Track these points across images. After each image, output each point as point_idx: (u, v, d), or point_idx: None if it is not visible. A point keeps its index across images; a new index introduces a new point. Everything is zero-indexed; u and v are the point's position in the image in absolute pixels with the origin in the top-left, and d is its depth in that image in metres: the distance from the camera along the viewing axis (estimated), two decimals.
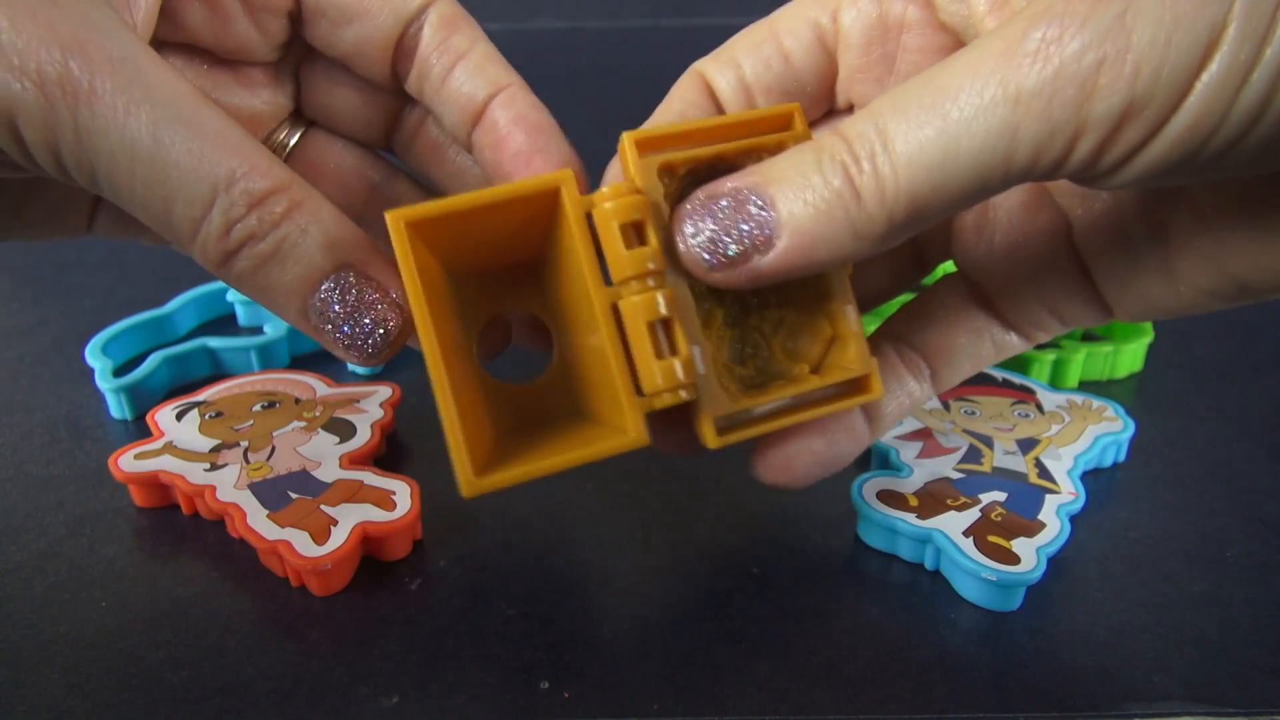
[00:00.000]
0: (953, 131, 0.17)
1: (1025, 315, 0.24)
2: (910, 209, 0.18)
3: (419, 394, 0.40)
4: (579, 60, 0.86)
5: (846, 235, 0.18)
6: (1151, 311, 0.22)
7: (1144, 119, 0.16)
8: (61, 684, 0.27)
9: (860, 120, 0.18)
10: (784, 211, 0.19)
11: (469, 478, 0.21)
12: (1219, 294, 0.20)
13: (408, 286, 0.20)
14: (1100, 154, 0.17)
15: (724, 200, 0.19)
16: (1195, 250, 0.20)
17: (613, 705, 0.26)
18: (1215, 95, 0.15)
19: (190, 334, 0.45)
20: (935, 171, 0.17)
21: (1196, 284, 0.20)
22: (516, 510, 0.34)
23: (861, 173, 0.18)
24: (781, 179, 0.19)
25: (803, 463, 0.23)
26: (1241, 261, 0.19)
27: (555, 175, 0.21)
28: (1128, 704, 0.26)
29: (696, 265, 0.20)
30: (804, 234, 0.18)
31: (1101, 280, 0.22)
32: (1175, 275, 0.21)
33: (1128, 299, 0.22)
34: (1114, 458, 0.36)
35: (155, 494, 0.34)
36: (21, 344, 0.44)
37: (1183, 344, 0.44)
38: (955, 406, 0.37)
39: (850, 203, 0.18)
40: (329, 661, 0.27)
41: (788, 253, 0.19)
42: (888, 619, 0.29)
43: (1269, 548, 0.32)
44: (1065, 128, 0.16)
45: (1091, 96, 0.16)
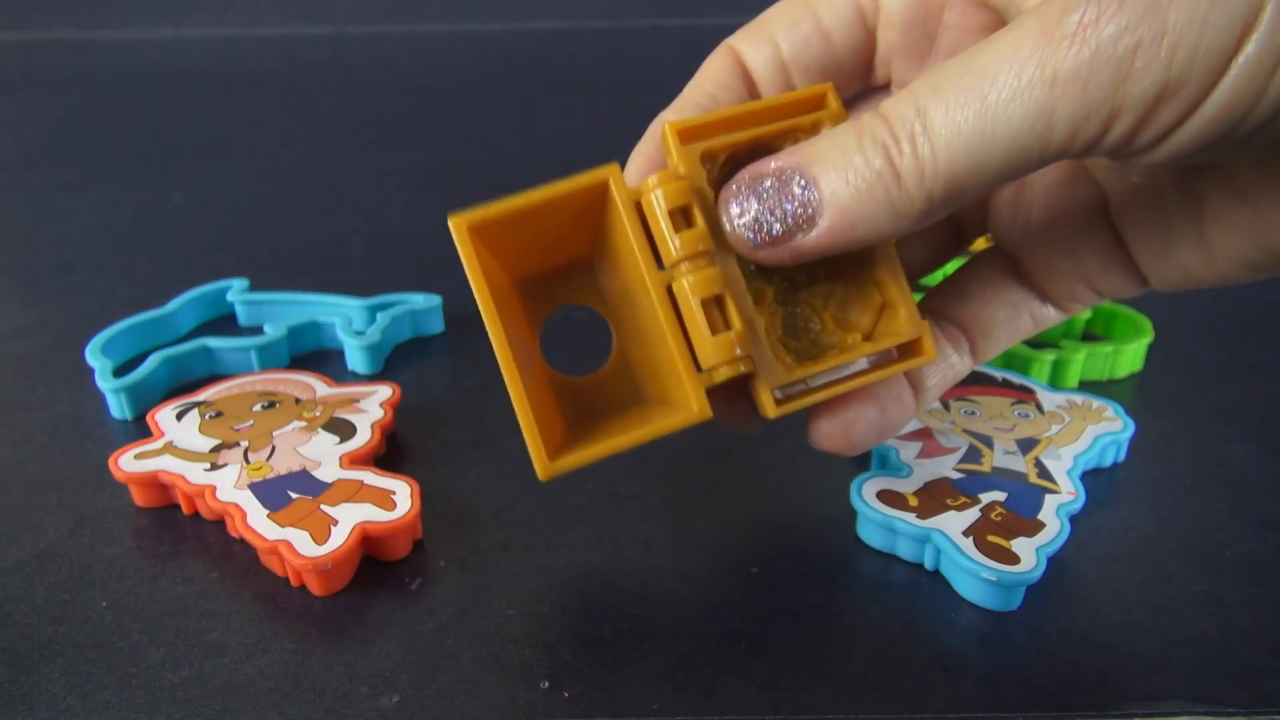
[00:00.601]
0: (990, 114, 0.17)
1: (1062, 287, 0.24)
2: (948, 189, 0.18)
3: (419, 394, 0.40)
4: (579, 60, 0.86)
5: (887, 214, 0.19)
6: (1189, 282, 0.22)
7: (1180, 99, 0.16)
8: (61, 684, 0.27)
9: (901, 101, 0.19)
10: (826, 191, 0.19)
11: (543, 461, 0.22)
12: (1256, 265, 0.20)
13: (474, 286, 0.21)
14: (1136, 134, 0.17)
15: (768, 180, 0.20)
16: (1232, 222, 0.20)
17: (613, 705, 0.26)
18: (1251, 75, 0.16)
19: (190, 334, 0.45)
20: (973, 153, 0.17)
21: (1233, 255, 0.20)
22: (516, 510, 0.34)
23: (901, 154, 0.18)
24: (824, 159, 0.19)
25: (860, 429, 0.23)
26: (1276, 231, 0.19)
27: (603, 170, 0.22)
28: (1128, 704, 0.26)
29: (742, 244, 0.21)
30: (846, 213, 0.19)
31: (1138, 252, 0.22)
32: (1212, 246, 0.21)
33: (1165, 270, 0.22)
34: (1114, 458, 0.36)
35: (155, 494, 0.34)
36: (21, 344, 0.44)
37: (1183, 344, 0.44)
38: (955, 406, 0.37)
39: (890, 183, 0.19)
40: (329, 661, 0.27)
41: (830, 231, 0.19)
42: (888, 619, 0.29)
43: (1269, 548, 0.32)
44: (1101, 109, 0.16)
45: (1128, 79, 0.16)
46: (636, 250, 0.22)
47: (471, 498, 0.34)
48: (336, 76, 0.80)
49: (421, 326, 0.45)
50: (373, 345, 0.42)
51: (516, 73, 0.82)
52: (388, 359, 0.43)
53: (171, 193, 0.59)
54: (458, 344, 0.44)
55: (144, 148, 0.66)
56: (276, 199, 0.59)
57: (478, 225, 0.21)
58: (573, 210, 0.22)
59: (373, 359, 0.42)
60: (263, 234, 0.54)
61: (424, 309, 0.44)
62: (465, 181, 0.61)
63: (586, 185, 0.22)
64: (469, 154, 0.64)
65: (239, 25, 0.89)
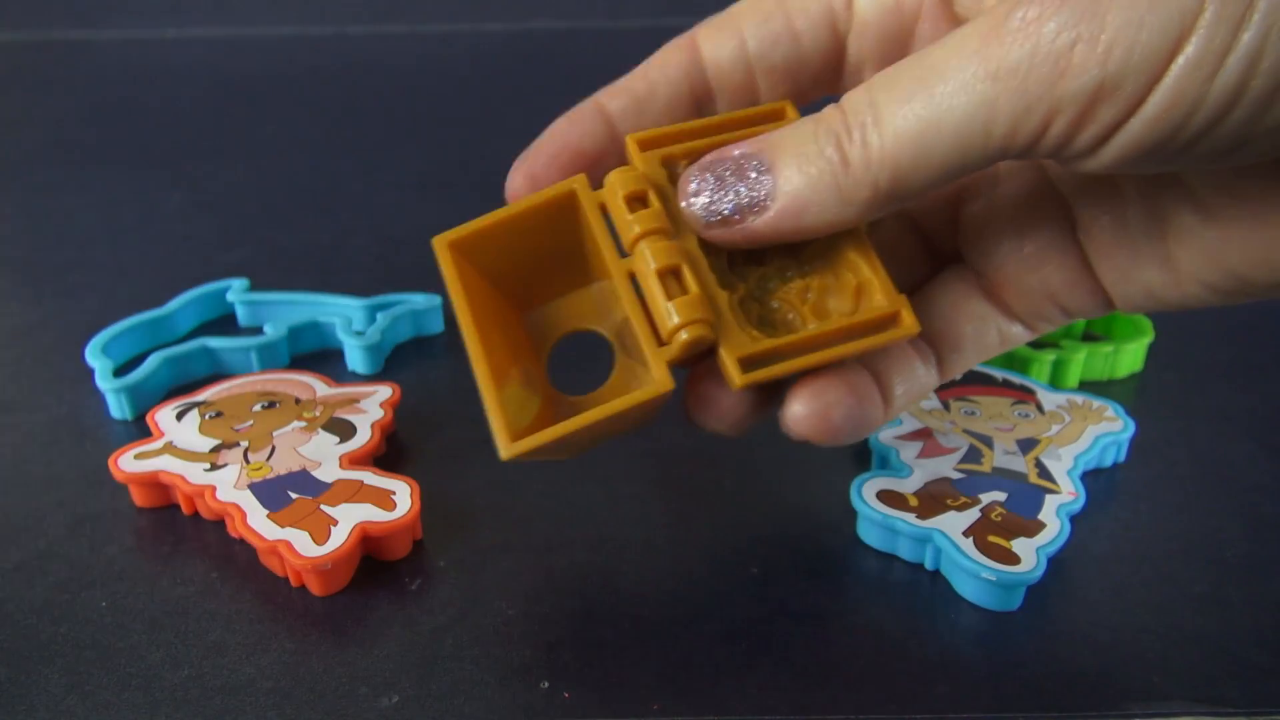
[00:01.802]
0: (937, 105, 0.18)
1: (1028, 305, 0.24)
2: (894, 179, 0.19)
3: (419, 394, 0.40)
4: (579, 60, 0.86)
5: (834, 200, 0.19)
6: (1152, 303, 0.22)
7: (1117, 99, 0.16)
8: (61, 684, 0.27)
9: (857, 93, 0.19)
10: (781, 176, 0.20)
11: (505, 441, 0.22)
12: (1219, 288, 0.20)
13: (455, 300, 0.22)
14: (1075, 132, 0.17)
15: (728, 163, 0.20)
16: (1195, 243, 0.20)
17: (613, 705, 0.26)
18: (1190, 78, 0.16)
19: (190, 334, 0.45)
20: (918, 142, 0.18)
21: (1196, 277, 0.20)
22: (516, 510, 0.34)
23: (851, 142, 0.19)
24: (781, 146, 0.20)
25: (839, 414, 0.22)
26: (1240, 255, 0.20)
27: (569, 181, 0.23)
28: (1128, 704, 0.26)
29: (695, 220, 0.21)
30: (796, 197, 0.20)
31: (1103, 271, 0.22)
32: (1176, 267, 0.21)
33: (1129, 290, 0.22)
34: (1114, 458, 0.36)
35: (155, 494, 0.34)
36: (21, 344, 0.44)
37: (1183, 344, 0.44)
38: (955, 406, 0.37)
39: (839, 169, 0.19)
40: (329, 661, 0.27)
41: (780, 214, 0.20)
42: (888, 619, 0.29)
43: (1269, 548, 0.32)
44: (1040, 105, 0.17)
45: (1065, 75, 0.16)
46: (602, 246, 0.22)
47: (471, 498, 0.34)
48: (336, 76, 0.80)
49: (421, 326, 0.45)
50: (373, 345, 0.42)
51: (516, 73, 0.82)
52: (388, 359, 0.43)
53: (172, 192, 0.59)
54: (458, 344, 0.44)
55: (144, 148, 0.66)
56: (276, 199, 0.59)
57: (458, 243, 0.23)
58: (548, 223, 0.23)
59: (373, 359, 0.42)
60: (263, 234, 0.54)
61: (424, 309, 0.44)
62: (465, 181, 0.61)
63: (554, 195, 0.23)
64: (469, 154, 0.64)
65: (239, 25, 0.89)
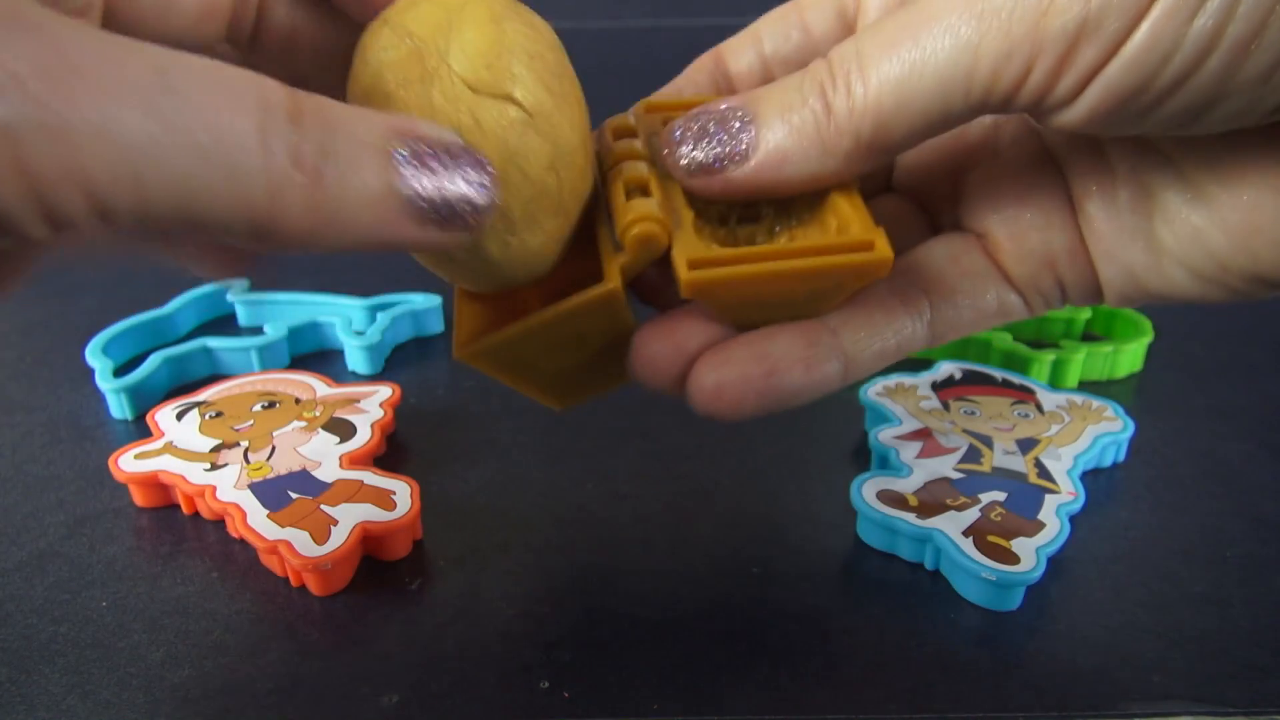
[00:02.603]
0: (921, 50, 0.18)
1: (1028, 271, 0.23)
2: (875, 127, 0.18)
3: (419, 394, 0.40)
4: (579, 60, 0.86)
5: (815, 150, 0.19)
6: (1135, 288, 0.22)
7: (1099, 38, 0.16)
8: (61, 684, 0.27)
9: (845, 44, 0.19)
10: (763, 127, 0.20)
11: (458, 343, 0.22)
12: (1200, 273, 0.20)
13: None
14: (1055, 78, 0.17)
15: (712, 114, 0.20)
16: (1179, 224, 0.20)
17: (613, 705, 0.26)
18: (1169, 19, 0.16)
19: (190, 334, 0.45)
20: (900, 89, 0.18)
21: (1179, 259, 0.20)
22: (516, 510, 0.34)
23: (835, 91, 0.19)
24: (767, 98, 0.20)
25: (733, 390, 0.20)
26: (1221, 238, 0.19)
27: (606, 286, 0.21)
28: (1128, 704, 0.26)
29: (676, 169, 0.21)
30: (776, 148, 0.19)
31: (1092, 246, 0.22)
32: (1160, 248, 0.21)
33: (1113, 271, 0.22)
34: (1114, 458, 0.36)
35: (155, 494, 0.34)
36: (21, 344, 0.44)
37: (1183, 344, 0.44)
38: (955, 406, 0.37)
39: (822, 118, 0.19)
40: (329, 661, 0.27)
41: (760, 165, 0.20)
42: (888, 619, 0.29)
43: (1269, 548, 0.32)
44: (1022, 45, 0.17)
45: (1049, 13, 0.16)
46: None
47: (471, 498, 0.34)
48: None
49: (421, 326, 0.45)
50: (373, 345, 0.42)
51: None
52: (388, 359, 0.43)
53: None
54: None
55: None
56: None
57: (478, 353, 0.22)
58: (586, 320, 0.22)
59: (373, 359, 0.42)
60: None
61: (424, 309, 0.44)
62: None
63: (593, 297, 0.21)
64: None
65: None
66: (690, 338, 0.21)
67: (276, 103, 0.15)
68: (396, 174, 0.17)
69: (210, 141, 0.14)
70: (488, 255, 0.20)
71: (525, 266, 0.21)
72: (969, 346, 0.43)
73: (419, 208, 0.17)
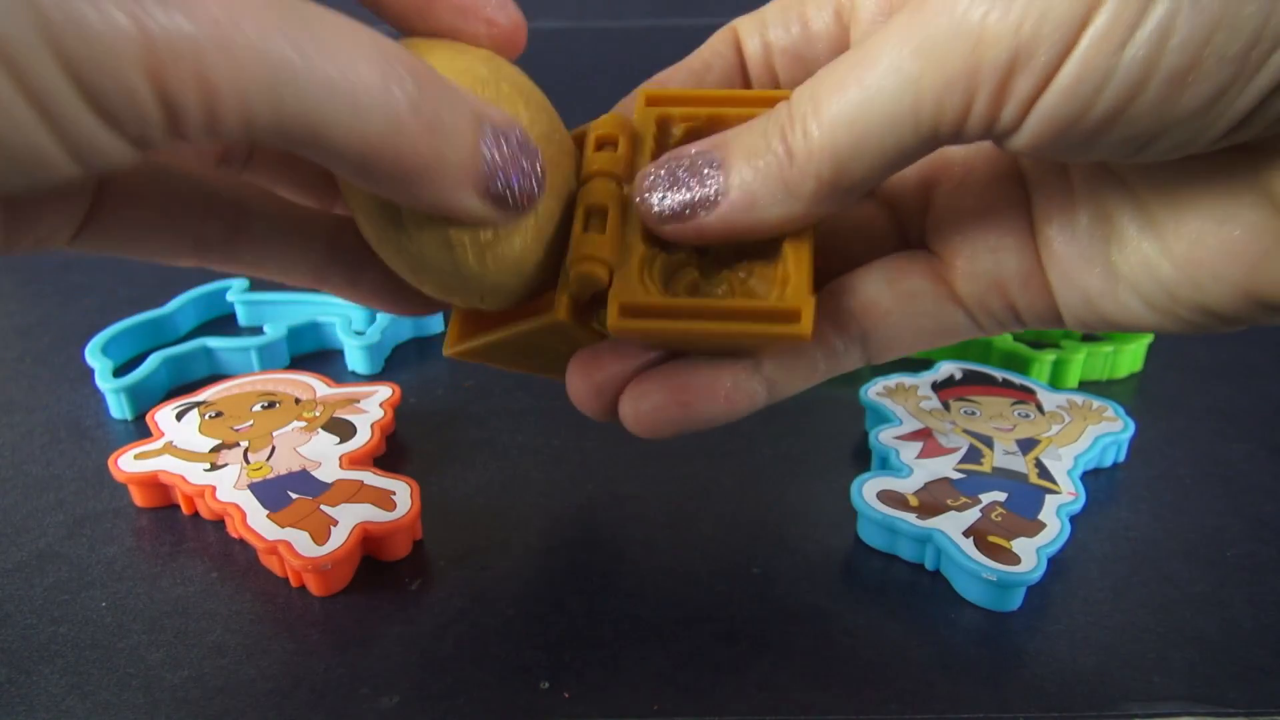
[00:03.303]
0: (868, 89, 0.18)
1: (976, 293, 0.23)
2: (834, 167, 0.19)
3: (419, 394, 0.40)
4: (579, 60, 0.85)
5: (781, 193, 0.20)
6: (1091, 314, 0.22)
7: (1032, 69, 0.16)
8: (61, 684, 0.27)
9: (803, 87, 0.19)
10: (733, 172, 0.20)
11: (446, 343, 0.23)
12: (1152, 303, 0.20)
13: None
14: (997, 107, 0.17)
15: (683, 161, 0.21)
16: (1134, 252, 0.20)
17: (613, 705, 0.26)
18: (1098, 49, 0.16)
19: (190, 334, 0.45)
20: (852, 127, 0.18)
21: (1133, 287, 0.20)
22: (516, 510, 0.34)
23: (794, 134, 0.19)
24: (736, 144, 0.20)
25: (651, 420, 0.22)
26: (1171, 269, 0.20)
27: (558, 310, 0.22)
28: (1128, 704, 0.26)
29: (649, 216, 0.21)
30: (744, 193, 0.20)
31: (1049, 268, 0.22)
32: (1115, 275, 0.21)
33: (1070, 295, 0.22)
34: (1114, 458, 0.36)
35: (155, 494, 0.34)
36: (21, 344, 0.44)
37: (1183, 344, 0.44)
38: (955, 406, 0.37)
39: (785, 162, 0.19)
40: (329, 661, 0.27)
41: (730, 210, 0.20)
42: (888, 619, 0.29)
43: (1269, 548, 0.32)
44: (960, 79, 0.17)
45: (980, 44, 0.17)
46: None
47: (471, 498, 0.34)
48: None
49: (421, 327, 0.45)
50: (373, 345, 0.42)
51: None
52: (388, 359, 0.43)
53: None
54: None
55: None
56: None
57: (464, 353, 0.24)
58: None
59: (373, 359, 0.42)
60: None
61: None
62: None
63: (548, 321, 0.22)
64: None
65: None
66: (609, 375, 0.22)
67: (396, 57, 0.17)
68: (482, 146, 0.18)
69: (339, 77, 0.16)
70: (468, 270, 0.21)
71: (512, 275, 0.21)
72: (969, 347, 0.43)
73: (491, 182, 0.19)
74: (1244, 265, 0.19)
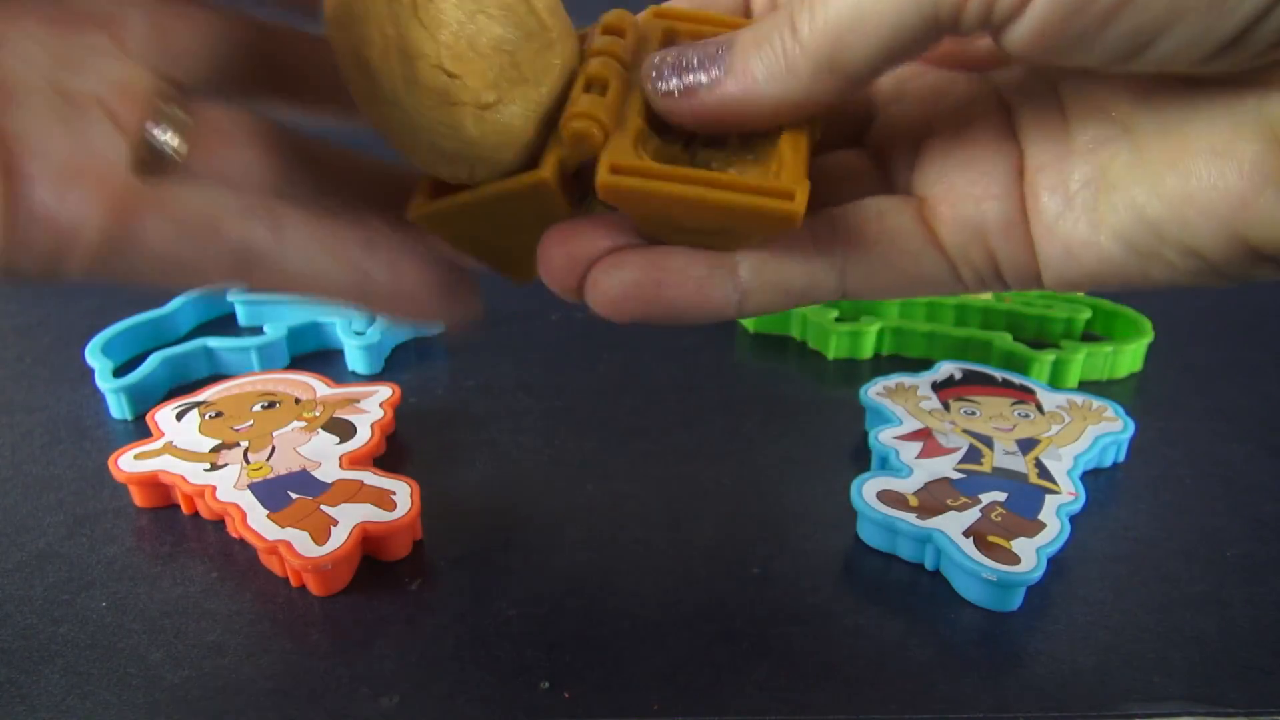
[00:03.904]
0: None
1: (959, 240, 0.22)
2: (835, 44, 0.19)
3: (419, 394, 0.40)
4: None
5: (780, 71, 0.20)
6: (1072, 267, 0.21)
7: None
8: (61, 684, 0.27)
9: None
10: (737, 56, 0.20)
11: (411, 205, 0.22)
12: (1135, 245, 0.20)
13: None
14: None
15: (693, 48, 0.21)
16: (1121, 192, 0.20)
17: (613, 705, 0.26)
18: None
19: (190, 334, 0.45)
20: (858, 5, 0.19)
21: (1117, 231, 0.20)
22: (516, 510, 0.34)
23: (800, 15, 0.20)
24: (747, 33, 0.21)
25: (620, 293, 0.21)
26: (1158, 202, 0.19)
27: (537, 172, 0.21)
28: (1128, 704, 0.26)
29: (650, 90, 0.21)
30: (744, 72, 0.20)
31: (1033, 217, 0.22)
32: (1101, 223, 0.20)
33: (1051, 247, 0.21)
34: (1114, 458, 0.36)
35: (155, 494, 0.34)
36: (21, 344, 0.44)
37: (1183, 344, 0.44)
38: (955, 406, 0.37)
39: (789, 40, 0.20)
40: (329, 661, 0.27)
41: (728, 89, 0.20)
42: (888, 619, 0.29)
43: (1269, 548, 0.32)
44: None
45: None
46: None
47: (471, 498, 0.34)
48: None
49: (421, 327, 0.45)
50: (373, 345, 0.42)
51: None
52: (388, 359, 0.43)
53: None
54: (457, 344, 0.44)
55: None
56: None
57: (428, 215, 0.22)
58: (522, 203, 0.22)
59: (373, 359, 0.42)
60: None
61: None
62: None
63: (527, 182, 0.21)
64: None
65: None
66: (587, 246, 0.22)
67: None
68: None
69: None
70: (465, 134, 0.20)
71: (507, 145, 0.21)
72: (969, 347, 0.43)
73: None
74: (1234, 201, 0.18)
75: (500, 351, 0.43)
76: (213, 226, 0.21)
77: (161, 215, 0.21)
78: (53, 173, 0.19)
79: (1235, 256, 0.19)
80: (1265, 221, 0.18)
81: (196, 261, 0.21)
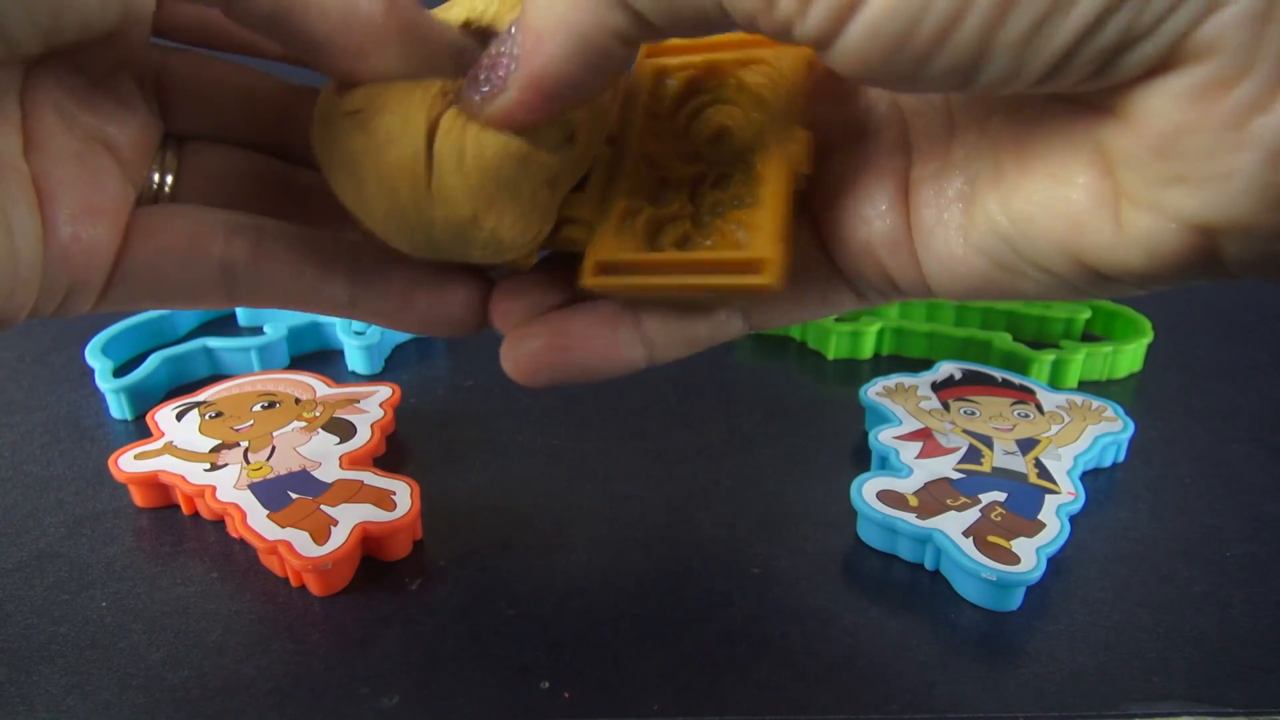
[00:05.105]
0: None
1: (854, 261, 0.22)
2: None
3: (419, 394, 0.40)
4: None
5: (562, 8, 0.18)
6: (949, 281, 0.21)
7: None
8: (61, 684, 0.27)
9: None
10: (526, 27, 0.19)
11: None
12: (997, 259, 0.19)
13: None
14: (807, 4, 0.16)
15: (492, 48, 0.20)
16: (980, 206, 0.20)
17: (613, 705, 0.26)
18: None
19: (190, 334, 0.45)
20: None
21: (979, 244, 0.20)
22: (516, 510, 0.34)
23: None
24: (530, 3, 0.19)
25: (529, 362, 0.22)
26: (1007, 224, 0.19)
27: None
28: (1128, 704, 0.26)
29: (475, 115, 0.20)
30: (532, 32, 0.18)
31: (916, 238, 0.22)
32: (965, 230, 0.20)
33: (930, 260, 0.21)
34: (1114, 458, 0.36)
35: (155, 494, 0.34)
36: (21, 344, 0.44)
37: (1183, 344, 0.44)
38: (955, 407, 0.37)
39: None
40: (329, 661, 0.27)
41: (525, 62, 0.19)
42: (888, 619, 0.29)
43: (1269, 548, 0.32)
44: None
45: None
46: None
47: (471, 498, 0.34)
48: None
49: None
50: (373, 345, 0.42)
51: None
52: (388, 359, 0.43)
53: None
54: (458, 344, 0.44)
55: None
56: None
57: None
58: None
59: (373, 359, 0.42)
60: None
61: None
62: None
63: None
64: None
65: None
66: (509, 313, 0.23)
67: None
68: None
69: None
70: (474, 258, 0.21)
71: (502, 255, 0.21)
72: (969, 347, 0.43)
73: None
74: (1068, 224, 0.18)
75: None
76: (198, 245, 0.22)
77: (149, 239, 0.21)
78: (75, 211, 0.20)
79: (1079, 276, 0.19)
80: (1098, 246, 0.18)
81: (185, 282, 0.22)
